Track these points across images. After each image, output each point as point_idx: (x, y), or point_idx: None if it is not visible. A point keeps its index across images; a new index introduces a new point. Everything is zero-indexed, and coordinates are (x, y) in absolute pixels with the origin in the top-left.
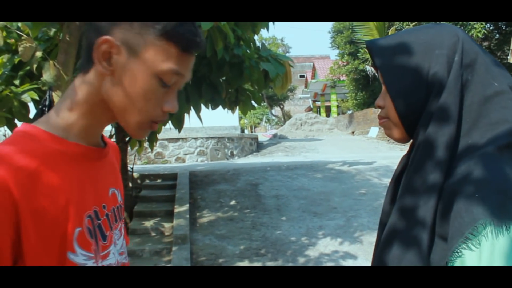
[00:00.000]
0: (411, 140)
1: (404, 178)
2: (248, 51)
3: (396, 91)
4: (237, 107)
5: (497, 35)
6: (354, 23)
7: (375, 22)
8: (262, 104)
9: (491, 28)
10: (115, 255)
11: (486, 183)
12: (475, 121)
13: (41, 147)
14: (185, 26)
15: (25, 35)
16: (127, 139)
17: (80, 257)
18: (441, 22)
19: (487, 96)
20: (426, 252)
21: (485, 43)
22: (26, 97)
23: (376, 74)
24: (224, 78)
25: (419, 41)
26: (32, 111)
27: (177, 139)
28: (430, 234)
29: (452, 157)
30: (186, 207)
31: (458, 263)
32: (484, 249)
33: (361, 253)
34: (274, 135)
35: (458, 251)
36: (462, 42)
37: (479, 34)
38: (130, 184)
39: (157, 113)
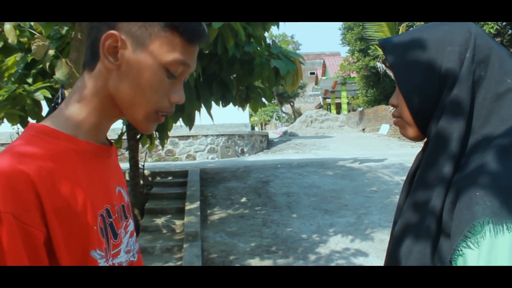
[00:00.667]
0: (426, 138)
1: (417, 174)
2: (258, 48)
3: (408, 89)
4: (248, 105)
5: (510, 30)
6: None
7: None
8: (272, 102)
9: (504, 24)
10: (124, 253)
11: (489, 180)
12: (487, 117)
13: (55, 146)
14: None
15: (38, 34)
16: (138, 136)
17: (97, 255)
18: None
19: (499, 93)
20: (434, 248)
21: (498, 39)
22: (39, 95)
23: (388, 72)
24: (234, 75)
25: (431, 38)
26: (45, 109)
27: (187, 137)
28: (438, 229)
29: (462, 152)
30: (197, 204)
31: (460, 261)
32: (482, 248)
33: (372, 250)
34: (285, 133)
35: (459, 249)
36: (475, 37)
37: (491, 30)
38: (141, 182)
39: (164, 104)
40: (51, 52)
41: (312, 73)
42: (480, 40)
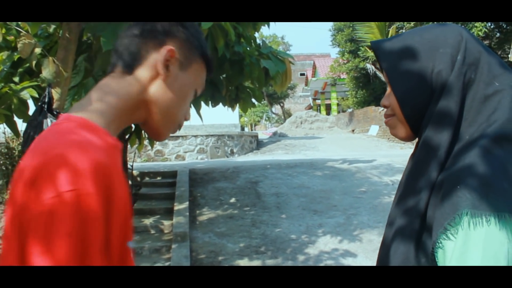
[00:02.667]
0: (417, 139)
1: (405, 178)
2: (248, 48)
3: (402, 92)
4: (237, 105)
5: (498, 33)
6: None
7: None
8: (262, 102)
9: (492, 26)
10: None
11: (470, 176)
12: (474, 118)
13: (100, 140)
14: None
15: (24, 32)
16: (127, 136)
17: (131, 246)
18: (445, 22)
19: (487, 95)
20: (418, 244)
21: (486, 42)
22: (25, 94)
23: (378, 73)
24: (224, 75)
25: (424, 40)
26: (32, 108)
27: (177, 137)
28: (422, 227)
29: (449, 154)
30: (185, 205)
31: (440, 254)
32: (458, 239)
33: (360, 251)
34: (274, 133)
35: (439, 242)
36: (466, 41)
37: (480, 33)
38: (130, 182)
39: (182, 119)
40: (38, 50)
41: (302, 74)
42: (470, 43)
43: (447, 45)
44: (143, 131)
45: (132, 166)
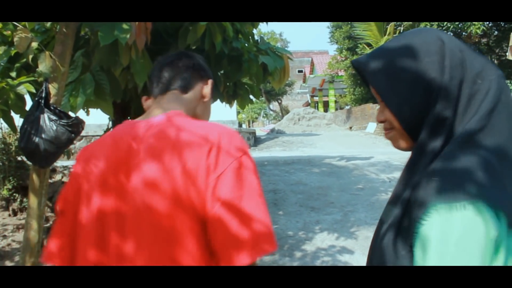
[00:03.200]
0: None
1: (400, 177)
2: (246, 44)
3: (397, 106)
4: (235, 101)
5: (496, 32)
6: None
7: None
8: (260, 99)
9: (490, 25)
10: None
11: (446, 168)
12: (461, 117)
13: None
14: None
15: (21, 26)
16: None
17: None
18: (419, 28)
19: (471, 94)
20: (398, 238)
21: (484, 40)
22: (22, 89)
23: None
24: (222, 71)
25: (407, 52)
26: (29, 104)
27: None
28: (403, 221)
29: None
30: None
31: (418, 244)
32: (434, 228)
33: (357, 247)
34: (272, 130)
35: (416, 232)
36: (447, 44)
37: (478, 31)
38: None
39: None
40: (34, 44)
41: (300, 71)
42: (451, 45)
43: (432, 53)
44: None
45: None
